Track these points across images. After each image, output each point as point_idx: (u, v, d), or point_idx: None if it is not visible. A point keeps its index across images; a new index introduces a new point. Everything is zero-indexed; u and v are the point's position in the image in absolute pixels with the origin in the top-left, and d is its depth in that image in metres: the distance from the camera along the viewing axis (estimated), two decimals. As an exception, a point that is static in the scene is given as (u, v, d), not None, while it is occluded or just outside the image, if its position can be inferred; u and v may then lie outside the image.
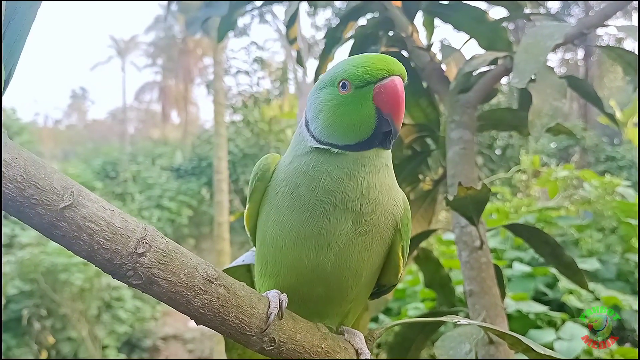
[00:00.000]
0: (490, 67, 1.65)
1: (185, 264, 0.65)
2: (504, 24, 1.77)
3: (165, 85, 30.67)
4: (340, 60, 0.79)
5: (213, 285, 0.66)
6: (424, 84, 1.79)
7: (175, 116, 32.48)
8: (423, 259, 1.86)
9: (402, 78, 0.72)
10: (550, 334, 3.18)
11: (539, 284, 3.92)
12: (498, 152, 10.78)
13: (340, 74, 0.73)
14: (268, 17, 15.99)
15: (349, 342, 0.80)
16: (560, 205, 5.45)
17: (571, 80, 1.57)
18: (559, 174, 5.45)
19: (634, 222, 4.42)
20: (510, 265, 4.10)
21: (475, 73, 1.64)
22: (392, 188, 0.78)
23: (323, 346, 0.75)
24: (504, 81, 1.77)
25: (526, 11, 1.84)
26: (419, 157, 1.84)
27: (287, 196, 0.76)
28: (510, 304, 3.35)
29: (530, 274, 3.96)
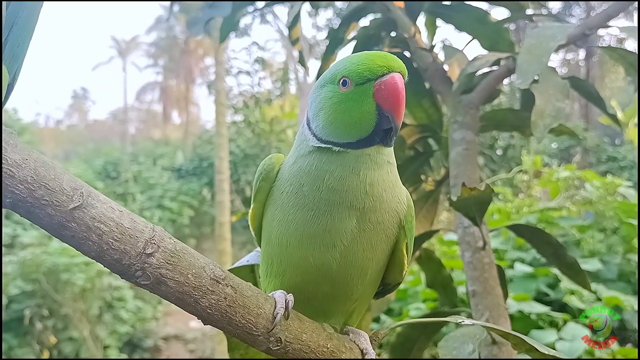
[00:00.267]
0: (493, 68, 1.65)
1: (192, 264, 0.66)
2: (506, 24, 1.77)
3: (166, 86, 30.69)
4: (341, 58, 0.79)
5: (220, 285, 0.67)
6: (426, 84, 1.79)
7: (177, 116, 32.55)
8: (425, 259, 1.86)
9: (403, 75, 0.72)
10: (551, 335, 3.18)
11: (540, 284, 3.92)
12: (499, 153, 10.78)
13: (341, 72, 0.73)
14: (269, 18, 16.00)
15: (354, 342, 0.80)
16: (561, 205, 5.45)
17: (573, 81, 1.57)
18: (560, 175, 5.45)
19: (635, 223, 4.42)
20: (511, 266, 4.10)
21: (477, 74, 1.64)
22: (396, 185, 0.78)
23: (329, 346, 0.76)
24: (506, 82, 1.77)
25: (528, 12, 1.84)
26: (421, 158, 1.84)
27: (292, 196, 0.76)
28: (512, 304, 3.35)
29: (531, 275, 3.96)
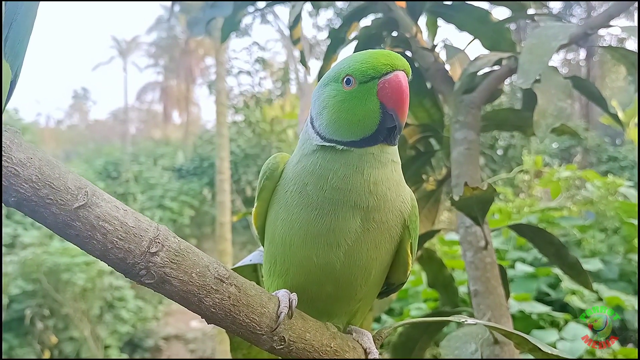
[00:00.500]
0: (495, 68, 1.65)
1: (197, 263, 0.66)
2: (507, 24, 1.77)
3: (166, 86, 30.70)
4: (344, 57, 0.78)
5: (224, 284, 0.67)
6: (428, 84, 1.79)
7: (177, 116, 32.56)
8: (426, 259, 1.86)
9: (407, 73, 0.72)
10: (553, 335, 3.18)
11: (541, 284, 3.92)
12: (500, 153, 10.78)
13: (345, 70, 0.73)
14: (270, 18, 16.00)
15: (358, 342, 0.80)
16: (562, 205, 5.45)
17: (575, 81, 1.57)
18: (561, 175, 5.45)
19: (636, 223, 4.42)
20: (512, 266, 4.10)
21: (479, 73, 1.64)
22: (400, 184, 0.78)
23: (332, 345, 0.76)
24: (506, 82, 1.77)
25: (529, 12, 1.84)
26: (422, 158, 1.84)
27: (296, 195, 0.76)
28: (513, 304, 3.35)
29: (532, 275, 3.96)
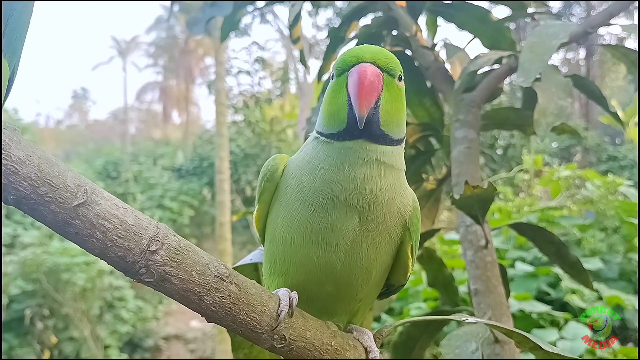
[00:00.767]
0: (494, 67, 1.65)
1: (197, 261, 0.65)
2: (507, 23, 1.77)
3: (166, 86, 30.70)
4: None
5: (224, 283, 0.66)
6: (428, 83, 1.79)
7: (177, 116, 32.57)
8: (426, 259, 1.86)
9: (379, 65, 0.71)
10: (553, 334, 3.18)
11: (541, 283, 3.92)
12: (499, 152, 10.78)
13: (334, 65, 0.75)
14: (269, 17, 16.01)
15: (358, 340, 0.80)
16: (562, 205, 5.45)
17: (575, 79, 1.57)
18: (561, 174, 5.45)
19: (636, 222, 4.42)
20: (512, 265, 4.10)
21: (479, 72, 1.64)
22: (396, 186, 0.76)
23: (332, 344, 0.75)
24: (506, 81, 1.77)
25: (529, 10, 1.84)
26: (422, 157, 1.84)
27: (295, 189, 0.76)
28: (513, 303, 3.35)
29: (532, 274, 3.96)
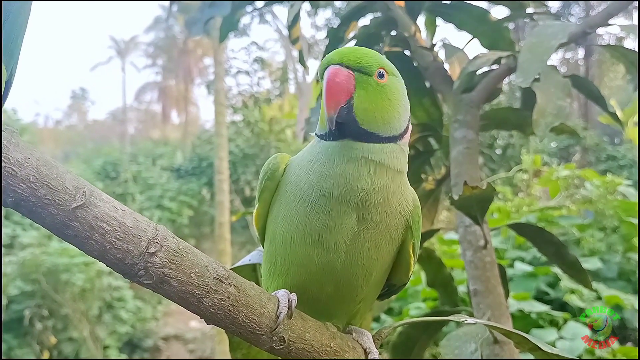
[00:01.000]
0: (493, 67, 1.65)
1: (196, 263, 0.66)
2: (506, 23, 1.77)
3: (165, 86, 30.69)
4: None
5: (223, 284, 0.67)
6: (427, 83, 1.79)
7: (176, 116, 32.55)
8: (425, 259, 1.86)
9: (349, 65, 0.72)
10: (552, 334, 3.19)
11: (540, 283, 3.92)
12: (498, 152, 10.79)
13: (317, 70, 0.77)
14: (268, 17, 16.02)
15: (357, 342, 0.80)
16: (561, 204, 5.46)
17: (574, 80, 1.57)
18: (560, 174, 5.46)
19: (635, 222, 4.43)
20: (511, 265, 4.10)
21: (478, 72, 1.64)
22: (391, 186, 0.75)
23: (332, 345, 0.75)
24: (505, 81, 1.77)
25: (528, 10, 1.84)
26: (422, 157, 1.84)
27: (293, 186, 0.77)
28: (512, 303, 3.35)
29: (532, 274, 3.96)
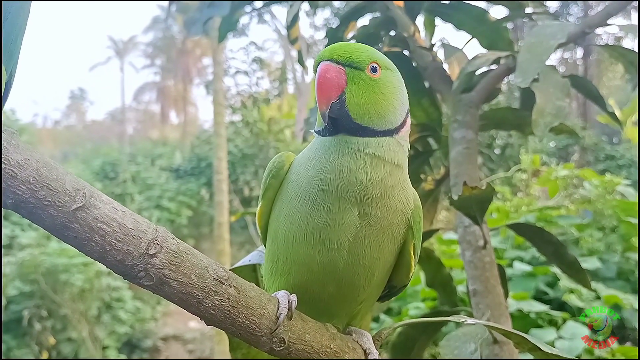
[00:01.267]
0: (492, 67, 1.65)
1: (196, 264, 0.66)
2: (505, 23, 1.77)
3: (164, 86, 30.67)
4: None
5: (223, 286, 0.67)
6: (426, 83, 1.79)
7: (174, 116, 32.54)
8: (424, 259, 1.86)
9: (339, 61, 0.72)
10: (551, 333, 3.19)
11: (539, 283, 3.92)
12: (497, 152, 10.79)
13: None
14: (267, 17, 16.01)
15: (357, 342, 0.80)
16: (560, 204, 5.46)
17: (573, 80, 1.57)
18: (559, 173, 5.46)
19: (634, 221, 4.43)
20: (510, 265, 4.10)
21: (477, 72, 1.64)
22: (389, 180, 0.75)
23: (332, 346, 0.75)
24: (504, 80, 1.77)
25: (527, 10, 1.84)
26: (421, 157, 1.84)
27: (294, 183, 0.77)
28: (511, 303, 3.35)
29: (531, 273, 3.97)
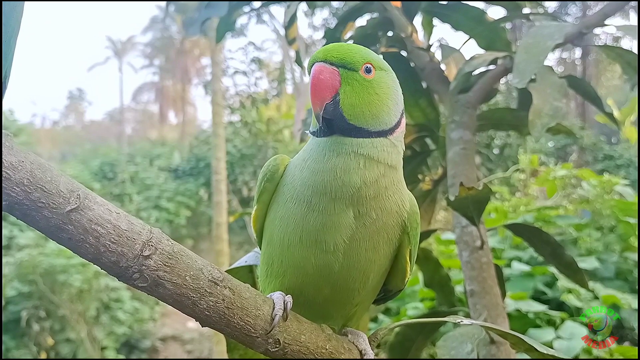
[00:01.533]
0: (490, 67, 1.65)
1: (190, 266, 0.65)
2: (503, 24, 1.77)
3: (162, 86, 30.66)
4: None
5: (218, 287, 0.67)
6: (423, 84, 1.79)
7: (173, 117, 32.55)
8: (422, 259, 1.86)
9: (332, 62, 0.73)
10: (549, 333, 3.19)
11: (538, 283, 3.92)
12: (496, 152, 10.80)
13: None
14: (265, 18, 16.01)
15: (353, 343, 0.80)
16: (558, 204, 5.46)
17: (571, 80, 1.57)
18: (557, 173, 5.46)
19: (632, 221, 4.43)
20: (509, 265, 4.10)
21: (475, 73, 1.64)
22: (382, 181, 0.74)
23: (327, 347, 0.75)
24: (502, 81, 1.77)
25: (525, 11, 1.84)
26: (418, 157, 1.84)
27: (289, 186, 0.77)
28: (509, 303, 3.35)
29: (529, 273, 3.96)
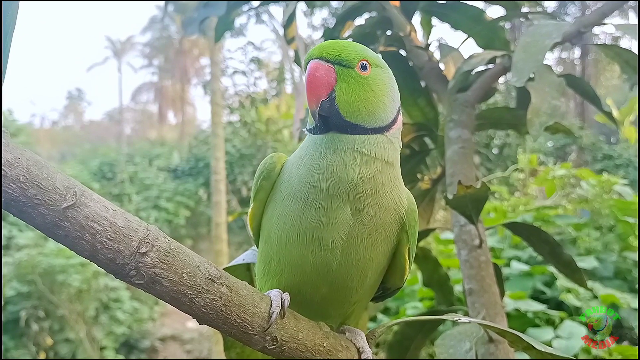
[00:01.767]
0: (489, 66, 1.65)
1: (187, 263, 0.65)
2: (501, 23, 1.77)
3: (161, 86, 30.64)
4: None
5: (215, 284, 0.66)
6: (422, 83, 1.79)
7: (172, 117, 32.53)
8: (421, 258, 1.86)
9: (328, 59, 0.73)
10: (548, 333, 3.19)
11: (537, 282, 3.92)
12: (495, 151, 10.81)
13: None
14: (264, 17, 15.98)
15: (351, 341, 0.80)
16: (557, 204, 5.47)
17: (569, 79, 1.57)
18: (556, 173, 5.47)
19: (631, 221, 4.44)
20: (508, 264, 4.11)
21: (473, 72, 1.64)
22: (379, 178, 0.74)
23: (325, 345, 0.75)
24: (501, 80, 1.77)
25: (523, 10, 1.84)
26: (417, 157, 1.84)
27: (286, 184, 0.77)
28: (508, 302, 3.36)
29: (528, 273, 3.97)
